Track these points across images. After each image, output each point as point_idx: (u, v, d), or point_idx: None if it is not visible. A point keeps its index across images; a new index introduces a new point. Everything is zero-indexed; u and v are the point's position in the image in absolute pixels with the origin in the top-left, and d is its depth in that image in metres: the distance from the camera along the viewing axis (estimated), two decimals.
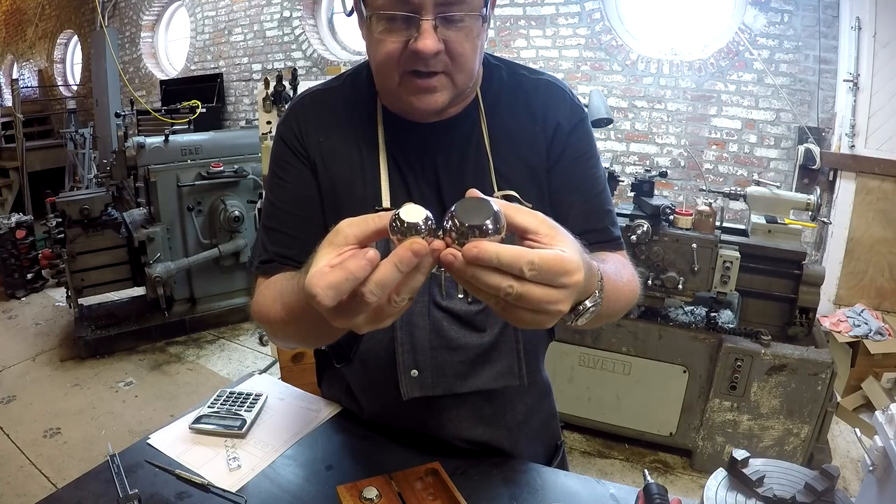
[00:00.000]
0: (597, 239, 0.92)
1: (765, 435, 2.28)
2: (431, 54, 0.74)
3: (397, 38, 0.75)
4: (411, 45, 0.75)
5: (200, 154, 3.76)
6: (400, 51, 0.76)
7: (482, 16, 0.77)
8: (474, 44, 0.78)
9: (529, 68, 0.96)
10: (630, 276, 0.87)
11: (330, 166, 0.90)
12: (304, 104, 0.94)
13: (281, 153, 0.93)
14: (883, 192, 3.13)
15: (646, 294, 2.36)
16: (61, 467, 2.47)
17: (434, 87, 0.79)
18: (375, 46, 0.78)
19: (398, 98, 0.83)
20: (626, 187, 2.68)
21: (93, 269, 3.51)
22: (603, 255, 0.89)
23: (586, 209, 0.93)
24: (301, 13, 5.39)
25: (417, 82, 0.78)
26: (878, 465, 0.71)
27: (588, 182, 0.94)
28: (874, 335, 2.80)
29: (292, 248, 0.89)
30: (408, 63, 0.77)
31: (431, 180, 0.90)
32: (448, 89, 0.81)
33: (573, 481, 0.94)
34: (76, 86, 8.37)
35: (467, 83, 0.83)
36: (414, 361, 0.90)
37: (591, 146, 0.95)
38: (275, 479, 0.92)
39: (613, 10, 3.98)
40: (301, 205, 0.91)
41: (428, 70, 0.77)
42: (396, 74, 0.79)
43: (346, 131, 0.91)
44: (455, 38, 0.76)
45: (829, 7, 3.26)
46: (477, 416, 0.99)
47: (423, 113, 0.83)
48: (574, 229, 0.87)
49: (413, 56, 0.75)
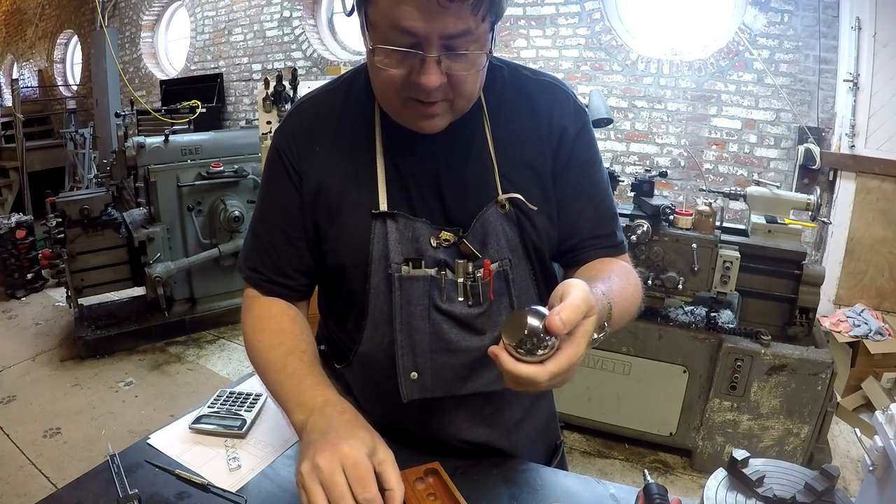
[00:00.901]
0: (604, 244, 0.95)
1: (765, 435, 2.28)
2: (433, 89, 0.75)
3: (400, 70, 0.76)
4: (413, 77, 0.75)
5: (200, 154, 3.76)
6: (402, 80, 0.76)
7: (486, 53, 0.77)
8: (477, 74, 0.79)
9: (531, 69, 0.96)
10: (634, 285, 0.90)
11: (327, 174, 0.91)
12: (301, 112, 0.95)
13: (274, 163, 0.94)
14: (883, 192, 3.13)
15: (646, 294, 2.34)
16: (61, 467, 2.47)
17: (435, 113, 0.80)
18: (377, 73, 0.78)
19: (400, 118, 0.84)
20: (626, 187, 2.68)
21: (93, 269, 3.51)
22: (610, 266, 0.90)
23: (595, 215, 0.95)
24: (301, 13, 5.39)
25: (419, 108, 0.79)
26: (878, 465, 0.71)
27: (595, 187, 0.95)
28: (874, 335, 2.80)
29: (275, 259, 0.95)
30: (410, 91, 0.77)
31: (433, 183, 0.89)
32: (448, 114, 0.82)
33: (573, 481, 0.94)
34: (76, 86, 8.38)
35: (467, 108, 0.84)
36: (414, 364, 0.90)
37: (594, 149, 0.96)
38: (275, 479, 0.92)
39: (613, 10, 3.98)
40: (288, 217, 0.93)
41: (430, 100, 0.78)
42: (398, 99, 0.80)
43: (343, 136, 0.91)
44: (458, 70, 0.76)
45: (829, 7, 3.26)
46: (476, 417, 0.99)
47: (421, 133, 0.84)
48: (583, 234, 0.95)
49: (415, 87, 0.76)
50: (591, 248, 0.95)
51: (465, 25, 0.71)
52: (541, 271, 0.95)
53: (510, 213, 0.89)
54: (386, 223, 0.87)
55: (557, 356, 0.64)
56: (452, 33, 0.71)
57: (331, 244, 0.92)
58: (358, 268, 0.89)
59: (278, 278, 0.96)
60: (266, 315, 0.94)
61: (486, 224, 0.88)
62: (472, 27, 0.72)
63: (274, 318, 0.94)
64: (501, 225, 0.89)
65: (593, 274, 0.88)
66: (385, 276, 0.87)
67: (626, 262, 0.96)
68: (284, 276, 0.95)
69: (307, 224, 0.93)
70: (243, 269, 0.98)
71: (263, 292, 0.97)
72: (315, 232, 0.93)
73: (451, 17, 0.70)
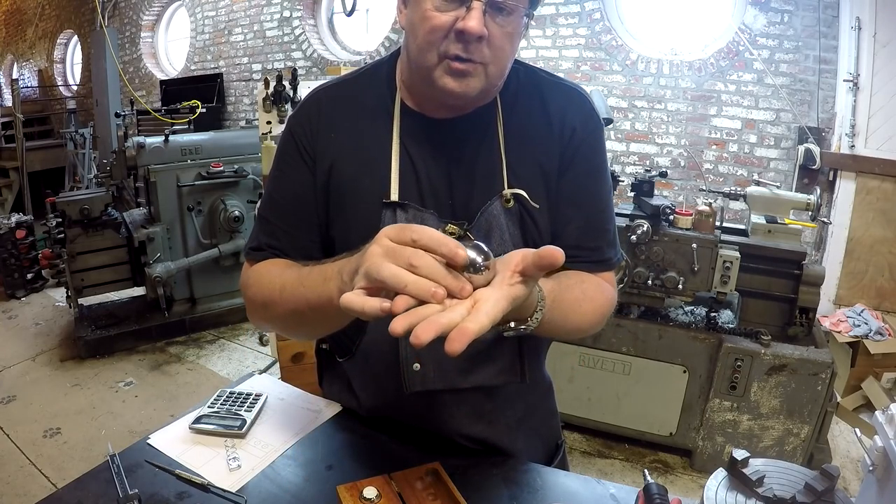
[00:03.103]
0: (585, 258, 0.93)
1: (765, 435, 2.28)
2: (476, 35, 0.77)
3: (446, 15, 0.77)
4: (458, 23, 0.77)
5: (200, 154, 3.76)
6: (447, 28, 0.78)
7: (527, 14, 0.80)
8: (513, 42, 0.82)
9: (548, 71, 0.97)
10: (595, 301, 0.88)
11: (340, 161, 0.91)
12: (319, 100, 0.95)
13: (287, 146, 0.94)
14: (883, 192, 3.13)
15: (646, 294, 2.36)
16: (61, 467, 2.47)
17: (469, 71, 0.81)
18: (422, 21, 0.80)
19: (431, 82, 0.83)
20: (626, 187, 2.68)
21: (93, 269, 3.51)
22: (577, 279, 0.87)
23: (583, 226, 0.94)
24: (301, 13, 5.39)
25: (454, 65, 0.80)
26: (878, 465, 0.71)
27: (591, 198, 0.95)
28: (874, 335, 2.80)
29: (282, 241, 0.93)
30: (450, 45, 0.79)
31: (443, 176, 0.90)
32: (481, 78, 0.82)
33: (573, 481, 0.94)
34: (76, 86, 8.38)
35: (498, 79, 0.85)
36: (416, 355, 0.91)
37: (600, 159, 0.96)
38: (275, 479, 0.92)
39: (613, 10, 3.98)
40: (298, 200, 0.93)
41: (467, 56, 0.79)
42: (436, 54, 0.80)
43: (360, 125, 0.92)
44: (498, 32, 0.79)
45: (829, 7, 3.26)
46: (477, 413, 0.99)
47: (453, 97, 0.83)
48: (567, 243, 0.93)
49: (457, 36, 0.78)
50: (572, 260, 0.91)
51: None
52: None
53: (514, 208, 0.90)
54: (396, 213, 0.88)
55: (491, 304, 0.60)
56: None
57: (339, 230, 0.92)
58: None
59: (281, 256, 0.93)
60: (267, 267, 0.92)
61: (490, 218, 0.89)
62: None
63: (276, 264, 0.91)
64: (505, 220, 0.89)
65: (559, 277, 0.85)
66: None
67: (603, 281, 0.93)
68: (286, 256, 0.93)
69: (318, 207, 0.92)
70: (247, 251, 0.96)
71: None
72: (325, 215, 0.93)
73: None
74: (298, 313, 0.82)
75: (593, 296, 0.89)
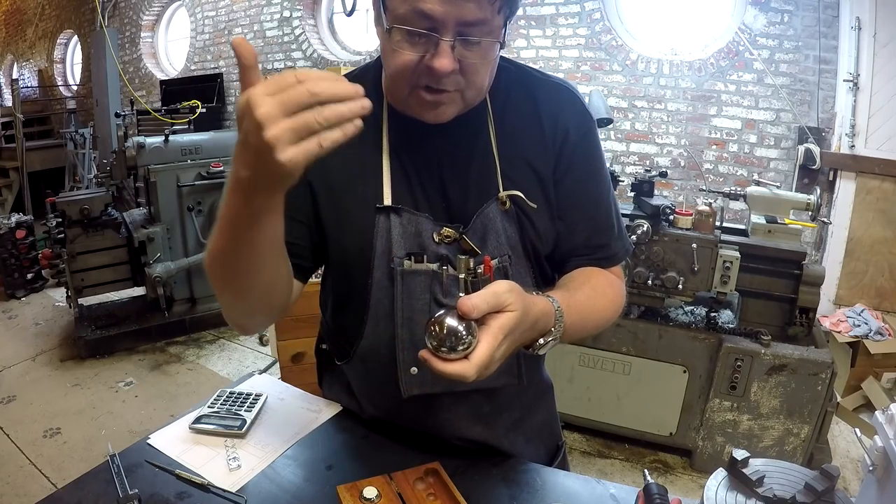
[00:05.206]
0: (595, 256, 0.96)
1: (765, 435, 2.28)
2: (446, 74, 0.76)
3: (414, 52, 0.76)
4: (427, 60, 0.76)
5: (200, 154, 3.75)
6: (415, 64, 0.77)
7: (499, 42, 0.78)
8: (488, 65, 0.80)
9: (540, 70, 0.97)
10: (607, 296, 0.92)
11: (331, 168, 0.90)
12: None
13: None
14: (883, 192, 3.13)
15: (646, 294, 2.36)
16: (61, 467, 2.47)
17: (443, 102, 0.81)
18: (391, 56, 0.79)
19: (407, 107, 0.85)
20: (626, 187, 2.68)
21: (93, 269, 3.51)
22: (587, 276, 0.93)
23: (591, 226, 0.96)
24: (301, 13, 5.39)
25: (427, 97, 0.80)
26: (878, 465, 0.71)
27: (594, 197, 0.96)
28: (874, 335, 2.80)
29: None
30: (420, 77, 0.78)
31: (436, 179, 0.90)
32: (456, 104, 0.82)
33: (573, 481, 0.94)
34: (76, 86, 8.37)
35: (476, 100, 0.85)
36: (414, 359, 0.90)
37: (597, 156, 0.96)
38: (275, 479, 0.92)
39: (613, 10, 3.98)
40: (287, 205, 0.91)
41: (439, 87, 0.78)
42: (407, 86, 0.80)
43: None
44: (470, 59, 0.77)
45: (829, 7, 3.26)
46: (475, 416, 0.99)
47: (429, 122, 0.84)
48: (576, 244, 0.96)
49: (427, 71, 0.77)
50: (581, 258, 0.96)
51: (482, 14, 0.73)
52: (539, 271, 0.96)
53: (510, 210, 0.90)
54: (390, 217, 0.87)
55: (478, 348, 0.67)
56: (469, 20, 0.73)
57: (334, 237, 0.92)
58: (361, 261, 0.89)
59: None
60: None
61: (486, 221, 0.89)
62: (489, 17, 0.74)
63: None
64: (501, 222, 0.89)
65: (565, 282, 0.91)
66: (387, 270, 0.88)
67: (610, 274, 0.97)
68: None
69: (308, 213, 0.91)
70: None
71: None
72: (317, 222, 0.92)
73: (470, 3, 0.72)
74: (228, 266, 0.74)
75: (604, 290, 0.92)
